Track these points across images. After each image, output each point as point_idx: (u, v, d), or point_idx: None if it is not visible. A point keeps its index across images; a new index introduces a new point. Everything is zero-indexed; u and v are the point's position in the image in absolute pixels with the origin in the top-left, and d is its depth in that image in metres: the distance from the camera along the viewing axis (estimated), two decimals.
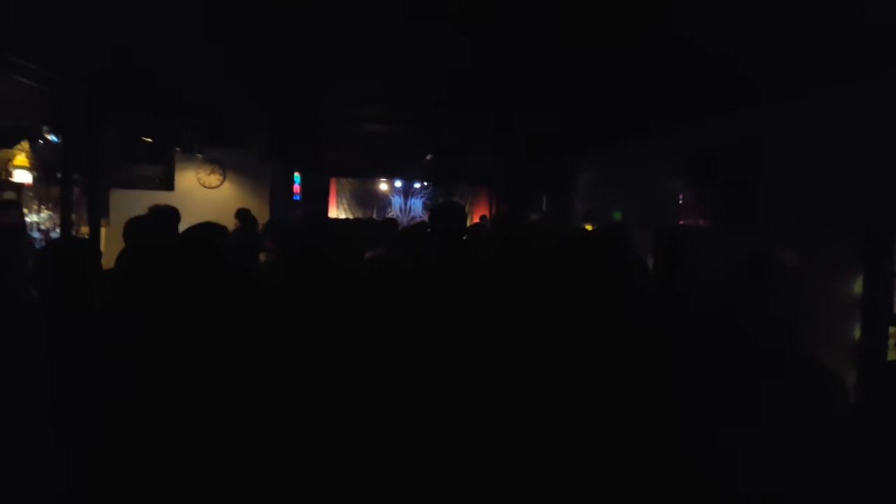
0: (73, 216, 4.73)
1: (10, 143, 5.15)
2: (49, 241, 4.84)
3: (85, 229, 4.54)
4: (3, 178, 5.03)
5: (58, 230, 4.68)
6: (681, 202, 6.16)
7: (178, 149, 7.69)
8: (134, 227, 3.47)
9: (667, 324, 2.81)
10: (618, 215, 7.76)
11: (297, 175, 11.74)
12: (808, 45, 3.75)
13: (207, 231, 2.48)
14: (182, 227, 4.69)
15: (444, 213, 3.08)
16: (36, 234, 5.26)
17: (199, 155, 8.25)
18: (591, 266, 3.28)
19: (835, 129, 4.21)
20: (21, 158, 5.25)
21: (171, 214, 4.44)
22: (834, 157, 4.19)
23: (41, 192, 5.59)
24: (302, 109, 7.27)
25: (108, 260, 3.88)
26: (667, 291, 3.33)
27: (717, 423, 2.02)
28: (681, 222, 5.95)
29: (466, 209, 16.87)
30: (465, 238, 3.41)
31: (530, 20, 3.98)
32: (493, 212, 15.97)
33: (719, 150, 5.48)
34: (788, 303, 2.34)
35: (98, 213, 4.26)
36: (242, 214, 7.08)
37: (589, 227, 7.38)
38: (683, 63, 4.39)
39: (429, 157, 10.69)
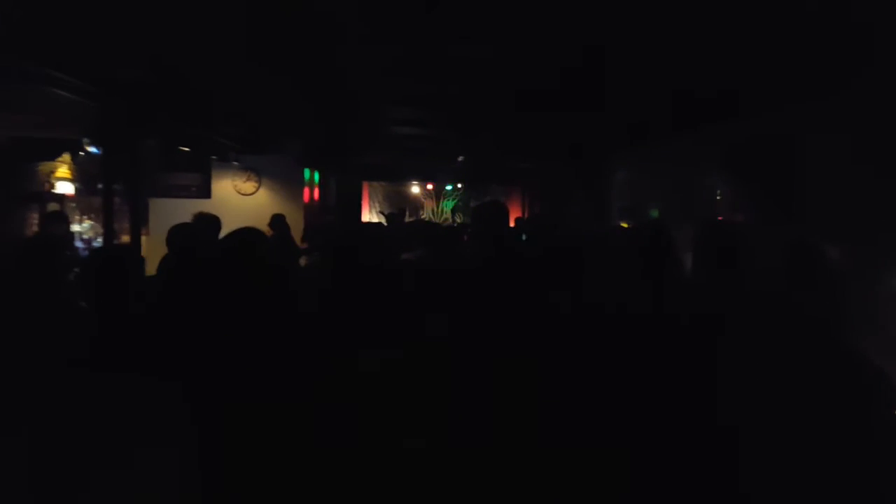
0: (114, 225, 4.84)
1: (52, 155, 5.29)
2: (92, 250, 4.97)
3: (126, 238, 4.64)
4: (47, 189, 5.17)
5: (99, 239, 4.79)
6: (718, 198, 6.03)
7: (214, 157, 7.82)
8: (177, 234, 3.52)
9: (712, 320, 2.76)
10: (654, 213, 7.64)
11: (317, 177, 11.84)
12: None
13: (249, 236, 2.51)
14: (221, 234, 4.78)
15: (489, 214, 3.00)
16: (78, 244, 5.40)
17: (235, 162, 8.38)
18: (635, 263, 3.23)
19: (879, 122, 4.07)
20: (63, 170, 5.40)
21: (213, 222, 4.52)
22: (877, 150, 4.06)
23: (82, 202, 5.74)
24: (334, 114, 7.34)
25: (148, 267, 3.95)
26: (710, 288, 3.27)
27: (760, 419, 1.98)
28: (719, 218, 5.83)
29: None
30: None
31: (563, 21, 3.95)
32: (527, 213, 15.90)
33: (758, 144, 5.35)
34: (832, 296, 2.26)
35: (139, 222, 4.34)
36: (276, 220, 7.17)
37: (625, 225, 7.28)
38: (722, 58, 4.31)
39: (460, 158, 10.68)
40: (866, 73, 4.01)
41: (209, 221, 4.55)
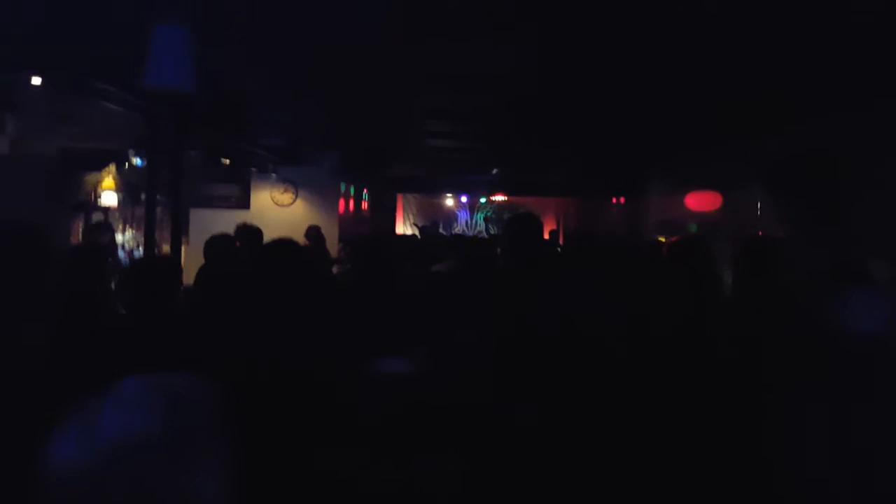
0: (156, 235, 4.96)
1: (98, 166, 5.45)
2: (133, 260, 5.10)
3: (167, 248, 4.75)
4: (92, 200, 5.33)
5: (141, 249, 4.91)
6: (759, 213, 5.92)
7: (253, 169, 7.97)
8: (214, 245, 3.60)
9: (751, 335, 2.71)
10: (693, 227, 7.53)
11: (365, 192, 11.98)
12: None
13: (283, 246, 2.55)
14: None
15: (521, 227, 3.00)
16: (121, 254, 5.54)
17: (273, 174, 8.53)
18: (676, 274, 3.21)
19: None
20: (109, 181, 5.56)
21: (256, 233, 4.60)
22: None
23: (126, 212, 5.90)
24: (369, 127, 7.42)
25: (188, 277, 4.04)
26: (749, 302, 3.22)
27: (799, 434, 1.93)
28: (759, 233, 5.71)
29: None
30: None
31: (603, 32, 3.93)
32: (563, 226, 15.81)
33: (799, 159, 5.24)
34: (877, 312, 2.19)
35: (180, 233, 4.44)
36: (311, 231, 7.28)
37: (662, 240, 7.18)
38: (761, 72, 4.24)
39: (495, 171, 10.68)
40: None
41: (252, 233, 4.65)
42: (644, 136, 7.13)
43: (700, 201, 7.32)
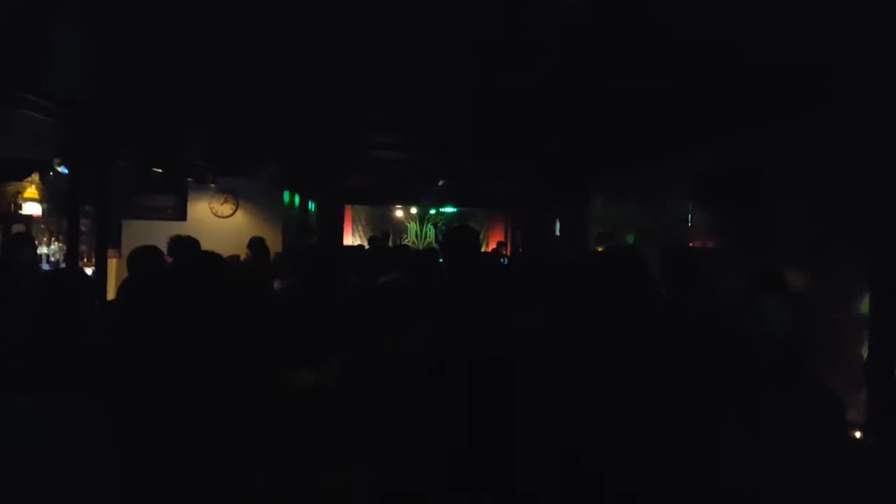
0: (84, 247, 4.78)
1: (20, 175, 5.24)
2: (41, 276, 4.86)
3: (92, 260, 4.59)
4: (13, 210, 5.11)
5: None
6: (690, 225, 6.09)
7: (190, 179, 7.78)
8: (136, 257, 3.48)
9: (678, 341, 2.77)
10: (630, 238, 7.70)
11: (311, 203, 11.84)
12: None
13: (201, 259, 2.49)
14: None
15: (455, 237, 3.07)
16: (46, 266, 5.32)
17: (212, 185, 8.34)
18: (612, 283, 3.26)
19: (842, 147, 4.14)
20: (31, 191, 5.34)
21: (190, 245, 4.48)
22: (843, 175, 4.11)
23: (52, 223, 5.67)
24: (316, 137, 7.35)
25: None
26: (676, 310, 3.30)
27: (717, 440, 1.98)
28: (690, 244, 5.87)
29: (482, 235, 16.89)
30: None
31: (543, 49, 3.99)
32: (509, 237, 15.97)
33: (726, 172, 5.42)
34: (794, 321, 2.27)
35: (105, 244, 4.29)
36: (254, 243, 7.14)
37: (601, 250, 7.31)
38: (691, 85, 4.37)
39: (441, 182, 10.72)
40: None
41: (185, 245, 4.52)
42: (584, 148, 7.27)
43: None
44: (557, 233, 11.81)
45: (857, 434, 3.37)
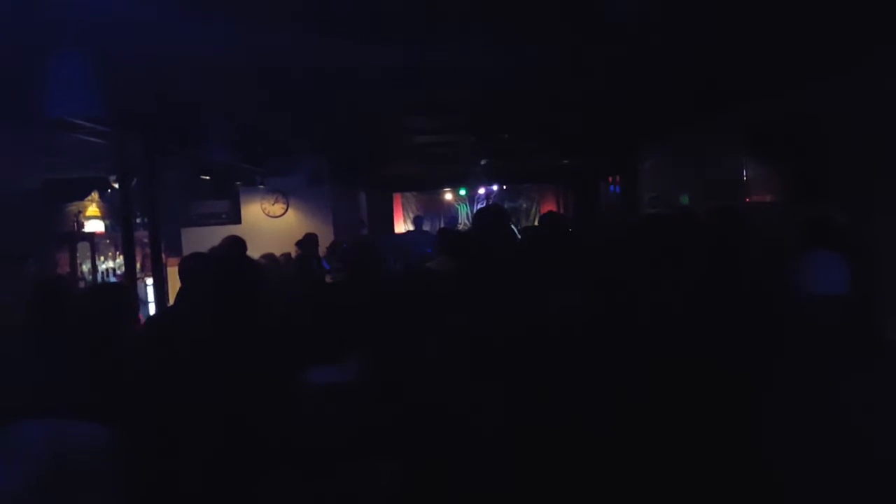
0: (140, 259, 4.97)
1: (81, 195, 5.47)
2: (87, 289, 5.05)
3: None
4: (77, 229, 5.35)
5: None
6: (745, 180, 5.86)
7: (239, 183, 7.97)
8: (187, 266, 3.58)
9: (729, 307, 2.68)
10: (685, 199, 7.47)
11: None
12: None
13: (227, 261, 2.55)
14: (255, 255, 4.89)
15: (476, 218, 3.07)
16: (113, 279, 5.57)
17: (262, 186, 8.53)
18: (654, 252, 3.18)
19: None
20: (93, 209, 5.59)
21: (238, 245, 4.59)
22: None
23: (115, 238, 5.92)
24: (351, 130, 7.39)
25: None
26: (724, 267, 3.17)
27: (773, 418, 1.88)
28: (746, 199, 5.65)
29: (533, 209, 16.72)
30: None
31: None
32: (562, 207, 15.75)
33: (779, 126, 5.17)
34: (851, 278, 2.13)
35: (160, 254, 4.46)
36: (304, 240, 7.27)
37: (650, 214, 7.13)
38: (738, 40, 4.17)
39: (483, 161, 10.63)
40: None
41: (232, 245, 4.64)
42: (633, 113, 7.06)
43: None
44: (611, 199, 11.59)
45: None
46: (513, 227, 3.33)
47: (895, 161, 3.91)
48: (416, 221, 11.26)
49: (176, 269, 6.60)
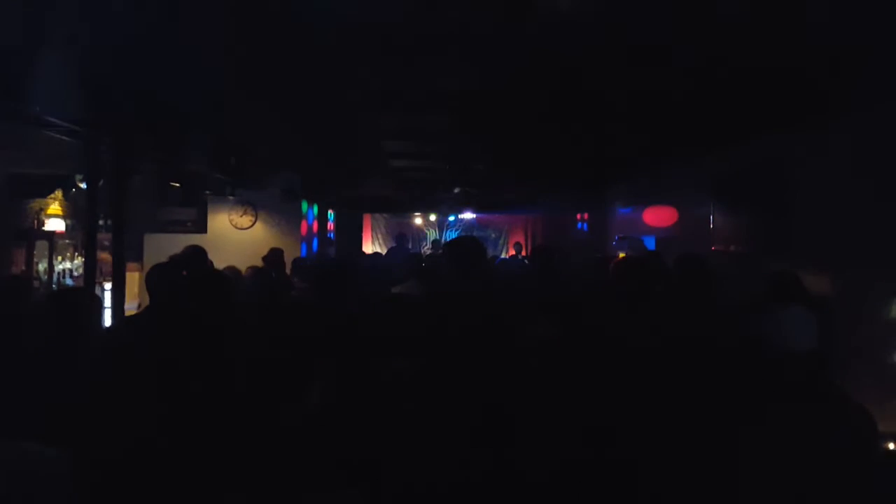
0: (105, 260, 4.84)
1: (44, 192, 5.32)
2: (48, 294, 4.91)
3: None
4: (36, 227, 5.19)
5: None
6: (711, 228, 5.99)
7: (208, 192, 7.83)
8: (154, 276, 3.49)
9: (696, 356, 2.71)
10: (651, 243, 7.61)
11: (330, 212, 11.89)
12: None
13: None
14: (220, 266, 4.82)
15: (454, 247, 3.06)
16: (69, 281, 5.40)
17: (231, 197, 8.39)
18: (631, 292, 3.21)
19: (867, 148, 4.03)
20: (55, 207, 5.42)
21: (199, 256, 4.52)
22: (870, 177, 4.01)
23: (76, 239, 5.75)
24: (332, 147, 7.36)
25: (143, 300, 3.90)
26: (692, 321, 3.22)
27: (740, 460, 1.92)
28: (713, 248, 5.77)
29: (501, 239, 16.83)
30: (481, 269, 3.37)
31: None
32: (529, 240, 15.89)
33: (747, 175, 5.32)
34: (818, 333, 2.18)
35: (122, 259, 4.33)
36: (271, 254, 7.16)
37: (621, 255, 7.23)
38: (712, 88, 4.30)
39: (457, 190, 10.70)
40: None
41: (192, 255, 4.57)
42: (604, 153, 7.19)
43: (657, 217, 7.39)
44: (578, 237, 11.73)
45: (892, 445, 3.26)
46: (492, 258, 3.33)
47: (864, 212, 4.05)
48: (399, 240, 10.87)
49: (135, 275, 6.46)
